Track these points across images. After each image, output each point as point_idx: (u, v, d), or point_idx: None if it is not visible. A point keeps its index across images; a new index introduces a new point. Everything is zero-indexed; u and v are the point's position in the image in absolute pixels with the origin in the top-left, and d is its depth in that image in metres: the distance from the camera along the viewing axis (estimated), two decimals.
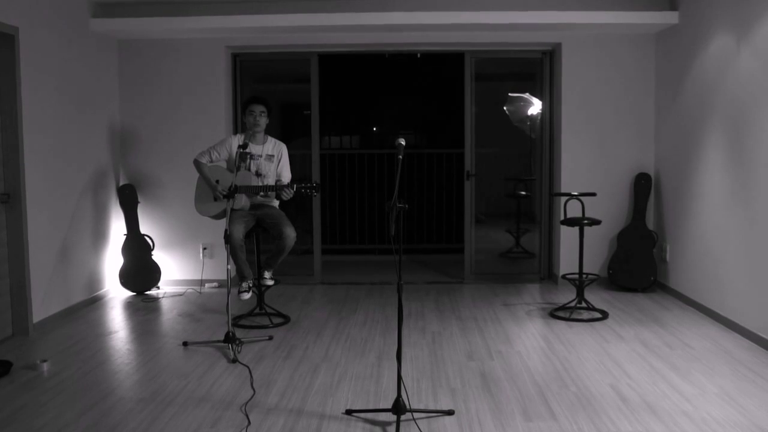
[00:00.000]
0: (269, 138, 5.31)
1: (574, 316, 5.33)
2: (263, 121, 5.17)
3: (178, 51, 6.49)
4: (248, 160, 5.12)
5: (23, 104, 4.89)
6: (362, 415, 3.47)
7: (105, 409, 3.56)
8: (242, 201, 5.03)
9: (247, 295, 5.20)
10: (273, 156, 5.25)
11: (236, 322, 5.20)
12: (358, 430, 3.31)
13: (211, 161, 5.21)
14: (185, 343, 4.72)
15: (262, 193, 5.17)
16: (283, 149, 5.32)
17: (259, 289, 5.32)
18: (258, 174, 5.21)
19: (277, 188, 5.02)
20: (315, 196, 5.03)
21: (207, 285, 6.59)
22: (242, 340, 4.67)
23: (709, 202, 5.33)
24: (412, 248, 8.47)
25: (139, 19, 6.06)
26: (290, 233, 5.07)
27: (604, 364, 4.23)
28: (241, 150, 4.90)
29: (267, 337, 4.87)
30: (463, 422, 3.37)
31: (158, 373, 4.14)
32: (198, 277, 6.60)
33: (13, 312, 4.94)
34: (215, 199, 5.16)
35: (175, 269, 6.62)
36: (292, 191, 5.00)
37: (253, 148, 5.18)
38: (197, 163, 5.23)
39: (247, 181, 5.04)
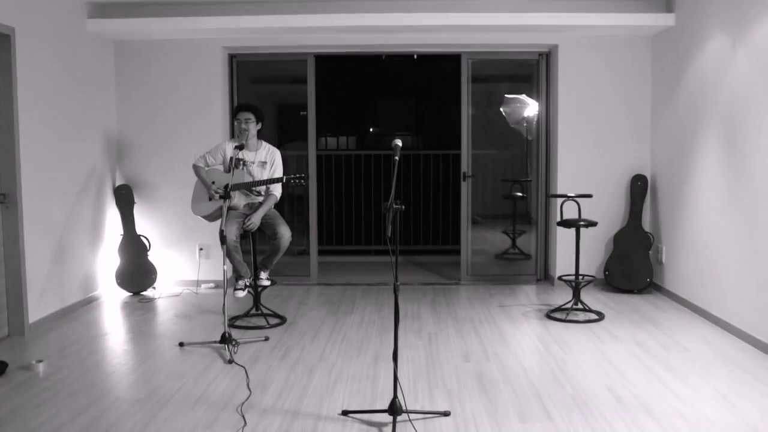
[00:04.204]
0: (263, 144, 5.35)
1: (570, 317, 5.34)
2: (251, 127, 5.24)
3: (175, 52, 6.49)
4: (241, 167, 5.16)
5: (19, 105, 4.89)
6: (358, 416, 3.47)
7: (101, 410, 3.55)
8: (235, 198, 5.05)
9: (241, 293, 5.23)
10: (266, 162, 5.30)
11: (232, 322, 5.20)
12: (354, 431, 3.31)
13: (207, 166, 5.30)
14: (181, 344, 4.72)
15: (256, 193, 5.21)
16: (276, 155, 5.35)
17: (256, 290, 5.32)
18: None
19: (268, 182, 5.14)
20: (302, 185, 5.11)
21: (203, 285, 6.59)
22: (238, 340, 4.67)
23: (705, 203, 5.34)
24: (409, 249, 8.47)
25: (136, 20, 6.06)
26: (285, 232, 5.11)
27: (599, 365, 4.24)
28: (238, 150, 4.97)
29: (263, 338, 4.87)
30: (459, 423, 3.38)
31: (154, 374, 4.13)
32: (194, 277, 6.60)
33: (9, 312, 4.93)
34: (210, 199, 5.19)
35: (172, 270, 6.62)
36: (277, 194, 5.24)
37: (246, 155, 5.23)
38: (195, 168, 5.35)
39: (240, 180, 5.08)
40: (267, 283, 5.33)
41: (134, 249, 6.38)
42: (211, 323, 5.29)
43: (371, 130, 11.75)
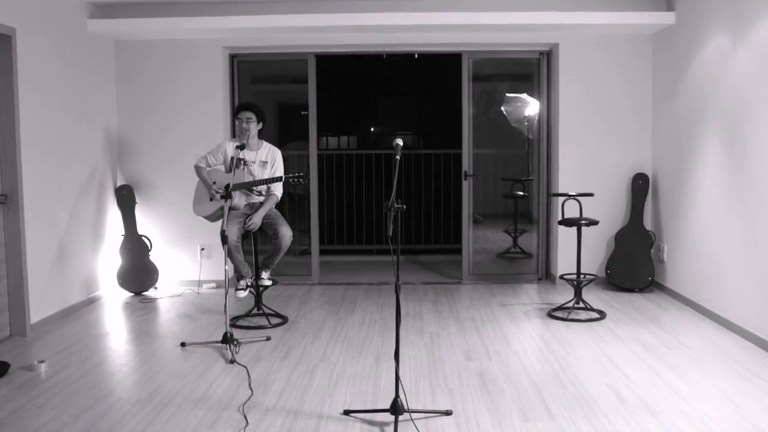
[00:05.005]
0: (264, 144, 5.35)
1: (572, 316, 5.34)
2: (252, 127, 5.23)
3: (176, 52, 6.49)
4: (242, 167, 5.16)
5: (20, 105, 4.89)
6: (360, 415, 3.47)
7: (102, 410, 3.56)
8: (236, 198, 5.05)
9: (243, 293, 5.23)
10: (266, 162, 5.29)
11: (234, 322, 5.20)
12: (356, 430, 3.31)
13: (209, 166, 5.30)
14: (183, 344, 4.72)
15: (257, 193, 5.21)
16: (277, 155, 5.35)
17: (257, 290, 5.33)
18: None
19: (268, 181, 5.13)
20: (302, 184, 5.10)
21: (205, 285, 6.59)
22: (240, 340, 4.67)
23: (706, 202, 5.34)
24: (410, 249, 8.47)
25: (137, 20, 6.06)
26: (286, 232, 5.11)
27: (601, 364, 4.24)
28: (239, 150, 4.97)
29: (265, 338, 4.87)
30: (460, 422, 3.38)
31: (156, 374, 4.13)
32: (196, 277, 6.60)
33: (10, 313, 4.94)
34: (211, 199, 5.19)
35: (173, 270, 6.62)
36: (278, 194, 5.25)
37: (247, 155, 5.22)
38: (197, 168, 5.35)
39: (241, 180, 5.08)
40: (268, 282, 5.34)
41: (136, 249, 6.39)
42: (212, 323, 5.29)
43: (372, 129, 11.75)
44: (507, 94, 7.27)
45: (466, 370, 4.16)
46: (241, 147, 4.97)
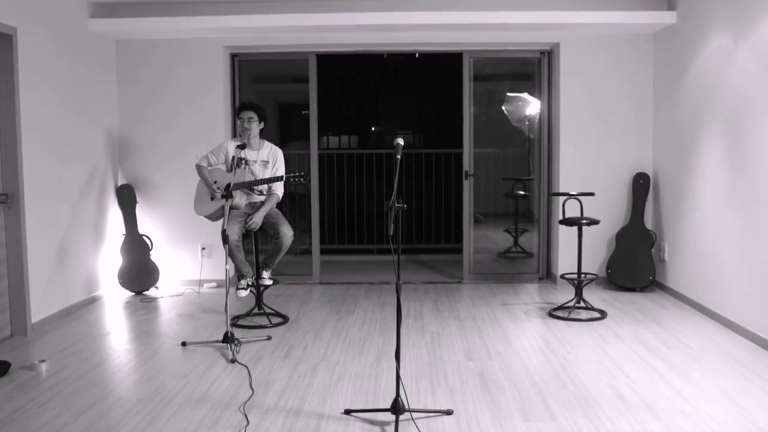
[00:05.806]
0: (265, 143, 5.34)
1: (573, 315, 5.33)
2: (254, 127, 5.22)
3: (177, 51, 6.49)
4: (243, 166, 5.16)
5: (21, 104, 4.89)
6: (361, 414, 3.47)
7: (103, 410, 3.56)
8: (236, 198, 5.05)
9: (244, 293, 5.23)
10: (267, 162, 5.29)
11: (235, 322, 5.20)
12: (356, 429, 3.31)
13: (210, 165, 5.30)
14: (184, 344, 4.72)
15: (258, 192, 5.21)
16: (279, 155, 5.34)
17: (258, 289, 5.33)
18: None
19: (269, 180, 5.13)
20: (303, 184, 5.09)
21: (206, 285, 6.59)
22: (241, 340, 4.67)
23: (707, 201, 5.33)
24: (411, 248, 8.48)
25: (138, 20, 6.06)
26: (287, 232, 5.11)
27: (602, 363, 4.23)
28: (240, 149, 4.97)
29: (266, 337, 4.87)
30: (461, 422, 3.38)
31: (157, 374, 4.14)
32: (197, 277, 6.60)
33: (11, 312, 4.94)
34: (212, 199, 5.20)
35: (174, 269, 6.62)
36: (279, 194, 5.25)
37: (249, 154, 5.22)
38: (198, 167, 5.35)
39: (242, 179, 5.07)
40: (269, 282, 5.34)
41: (137, 249, 6.39)
42: (213, 323, 5.29)
43: (373, 129, 11.75)
44: (508, 94, 7.27)
45: (467, 369, 4.16)
46: (243, 146, 4.98)
